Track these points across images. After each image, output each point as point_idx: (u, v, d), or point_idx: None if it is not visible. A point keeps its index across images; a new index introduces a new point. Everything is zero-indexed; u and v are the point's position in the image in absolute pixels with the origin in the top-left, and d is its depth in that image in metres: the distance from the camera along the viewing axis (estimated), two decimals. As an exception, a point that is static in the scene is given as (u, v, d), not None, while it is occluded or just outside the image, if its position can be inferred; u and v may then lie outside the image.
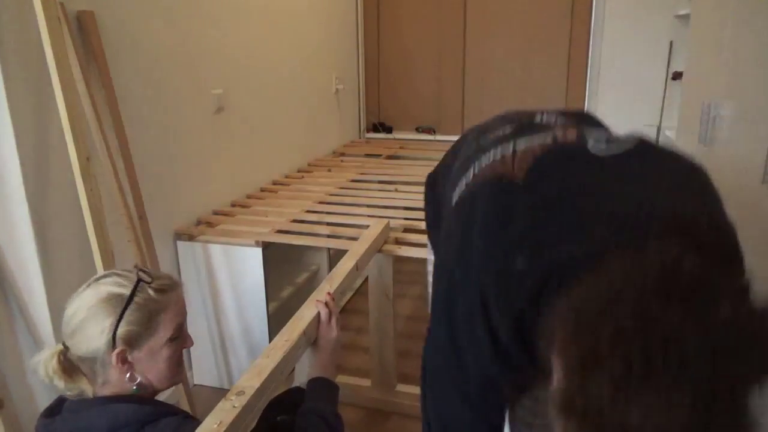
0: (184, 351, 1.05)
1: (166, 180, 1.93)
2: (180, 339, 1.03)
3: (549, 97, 3.54)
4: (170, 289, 1.01)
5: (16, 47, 1.36)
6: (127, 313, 0.94)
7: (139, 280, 0.97)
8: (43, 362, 0.94)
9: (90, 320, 0.93)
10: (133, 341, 0.95)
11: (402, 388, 2.02)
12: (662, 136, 3.17)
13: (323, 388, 1.18)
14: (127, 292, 0.95)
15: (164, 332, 0.99)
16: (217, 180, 2.23)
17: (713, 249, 0.64)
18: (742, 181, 1.32)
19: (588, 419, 0.50)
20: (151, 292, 0.98)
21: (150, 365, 0.98)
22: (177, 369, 1.03)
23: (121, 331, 0.93)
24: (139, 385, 0.98)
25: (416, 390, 2.01)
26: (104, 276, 0.99)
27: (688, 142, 1.87)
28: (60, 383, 0.94)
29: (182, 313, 1.03)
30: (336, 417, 1.12)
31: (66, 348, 0.96)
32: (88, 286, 0.97)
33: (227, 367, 2.09)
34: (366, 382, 2.04)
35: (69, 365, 0.95)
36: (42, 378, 0.94)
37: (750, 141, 1.28)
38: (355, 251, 1.66)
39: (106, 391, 0.97)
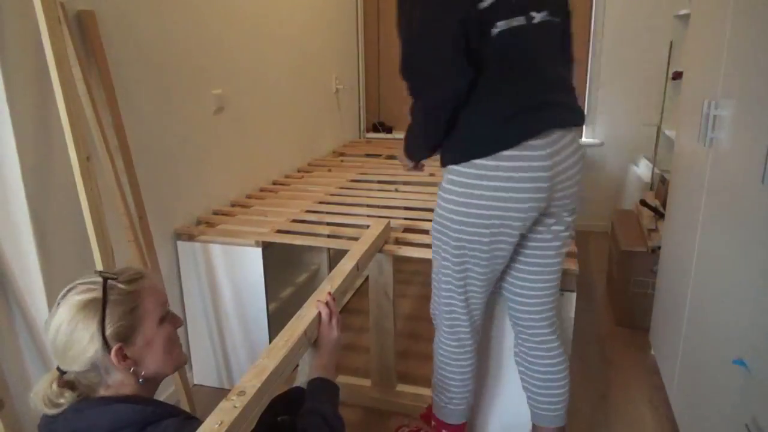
0: (184, 350, 1.07)
1: (166, 180, 1.93)
2: (168, 320, 1.05)
3: (549, 97, 3.54)
4: (138, 277, 1.03)
5: (16, 47, 1.36)
6: (108, 311, 0.95)
7: (106, 279, 0.98)
8: (43, 390, 0.94)
9: (75, 333, 0.93)
10: (125, 336, 0.96)
11: (402, 388, 2.02)
12: (662, 136, 3.17)
13: (324, 388, 1.18)
14: (98, 295, 0.96)
15: (151, 318, 1.00)
16: (217, 180, 2.23)
17: None
18: (742, 181, 1.32)
19: None
20: (121, 285, 0.99)
21: (149, 355, 1.00)
22: (175, 350, 1.05)
23: (109, 330, 0.94)
24: (145, 377, 0.99)
25: (416, 390, 2.02)
26: (69, 290, 0.98)
27: (688, 142, 1.87)
28: (66, 399, 0.94)
29: (161, 296, 1.05)
30: (336, 417, 1.12)
31: (61, 372, 0.96)
32: (58, 305, 0.97)
33: (227, 367, 2.09)
34: (366, 382, 2.04)
35: (71, 384, 0.97)
36: (43, 407, 0.94)
37: (750, 141, 1.28)
38: (355, 251, 1.66)
39: (110, 392, 0.97)
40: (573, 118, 1.35)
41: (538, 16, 1.27)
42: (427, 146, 1.46)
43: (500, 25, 1.23)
